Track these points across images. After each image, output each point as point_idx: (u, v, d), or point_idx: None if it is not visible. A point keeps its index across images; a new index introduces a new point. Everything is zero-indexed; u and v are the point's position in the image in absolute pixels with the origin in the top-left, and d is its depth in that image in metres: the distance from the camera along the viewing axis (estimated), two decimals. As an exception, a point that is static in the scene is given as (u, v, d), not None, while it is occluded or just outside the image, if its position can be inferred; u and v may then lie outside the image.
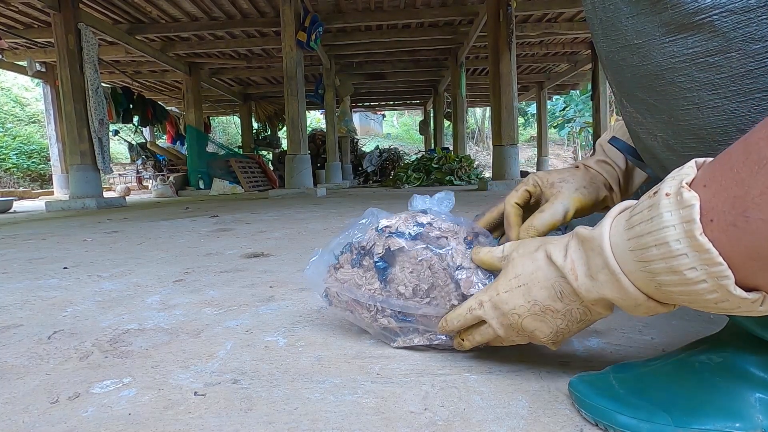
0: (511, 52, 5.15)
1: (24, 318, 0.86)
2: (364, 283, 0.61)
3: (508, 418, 0.45)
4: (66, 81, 4.97)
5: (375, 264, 0.60)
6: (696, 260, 0.28)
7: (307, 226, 2.21)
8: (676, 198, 0.29)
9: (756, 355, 0.39)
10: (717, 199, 0.27)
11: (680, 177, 0.30)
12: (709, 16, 0.30)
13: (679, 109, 0.36)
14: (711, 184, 0.28)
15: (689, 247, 0.28)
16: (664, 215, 0.29)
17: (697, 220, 0.28)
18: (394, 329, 0.61)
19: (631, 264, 0.33)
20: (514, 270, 0.47)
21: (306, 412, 0.47)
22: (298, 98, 5.51)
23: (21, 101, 14.02)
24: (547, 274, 0.43)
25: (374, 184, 9.58)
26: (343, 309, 0.65)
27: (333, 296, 0.65)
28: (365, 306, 0.61)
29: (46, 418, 0.48)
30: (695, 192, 0.29)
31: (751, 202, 0.26)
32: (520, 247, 0.49)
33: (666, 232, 0.29)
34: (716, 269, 0.28)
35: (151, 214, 3.45)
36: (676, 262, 0.29)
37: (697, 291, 0.29)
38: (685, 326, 0.68)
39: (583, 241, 0.39)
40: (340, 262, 0.64)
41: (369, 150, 12.21)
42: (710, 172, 0.29)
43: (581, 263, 0.39)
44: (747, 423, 0.37)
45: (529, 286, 0.45)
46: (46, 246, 1.89)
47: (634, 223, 0.32)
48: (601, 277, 0.37)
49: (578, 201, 0.59)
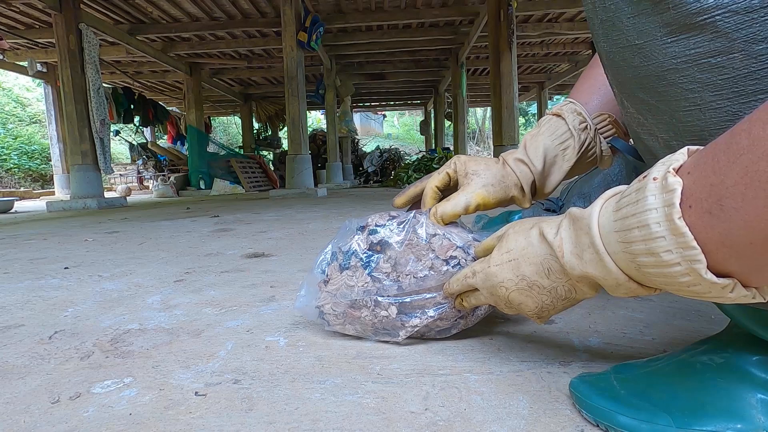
0: (512, 52, 5.14)
1: (25, 318, 0.86)
2: (355, 282, 0.62)
3: (509, 418, 0.45)
4: (67, 81, 4.98)
5: (361, 259, 0.62)
6: (672, 243, 0.29)
7: (307, 227, 2.21)
8: (662, 182, 0.30)
9: (757, 355, 0.39)
10: (697, 185, 0.28)
11: (669, 162, 0.31)
12: (712, 16, 0.30)
13: (680, 110, 0.35)
14: (694, 171, 0.29)
15: (667, 230, 0.29)
16: (648, 198, 0.30)
17: (677, 204, 0.29)
18: (395, 321, 0.62)
19: (615, 244, 0.34)
20: (507, 245, 0.49)
21: (307, 412, 0.47)
22: (299, 98, 5.51)
23: (22, 101, 14.03)
24: (538, 251, 0.44)
25: (375, 184, 9.57)
26: (342, 324, 0.65)
27: (329, 314, 0.65)
28: (363, 303, 0.62)
29: (47, 418, 0.48)
30: (680, 178, 0.30)
31: (725, 190, 0.26)
32: (517, 224, 0.51)
33: (648, 214, 0.30)
34: (690, 253, 0.29)
35: (151, 215, 3.45)
36: (654, 244, 0.30)
37: (671, 273, 0.30)
38: (686, 327, 0.68)
39: (574, 221, 0.40)
40: (328, 274, 0.65)
41: (370, 150, 12.21)
42: (696, 159, 0.30)
43: (569, 241, 0.40)
44: (748, 424, 0.37)
45: (518, 261, 0.46)
46: (47, 246, 1.89)
47: (622, 205, 0.34)
48: (586, 256, 0.38)
49: (481, 197, 0.62)
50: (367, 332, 0.65)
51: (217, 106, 12.84)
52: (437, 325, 0.63)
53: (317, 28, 6.02)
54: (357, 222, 0.67)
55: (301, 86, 5.54)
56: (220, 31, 7.12)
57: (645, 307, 0.78)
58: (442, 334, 0.65)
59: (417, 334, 0.64)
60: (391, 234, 0.63)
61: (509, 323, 0.72)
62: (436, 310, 0.61)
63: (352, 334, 0.67)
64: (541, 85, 11.65)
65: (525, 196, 0.64)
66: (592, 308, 0.78)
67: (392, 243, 0.62)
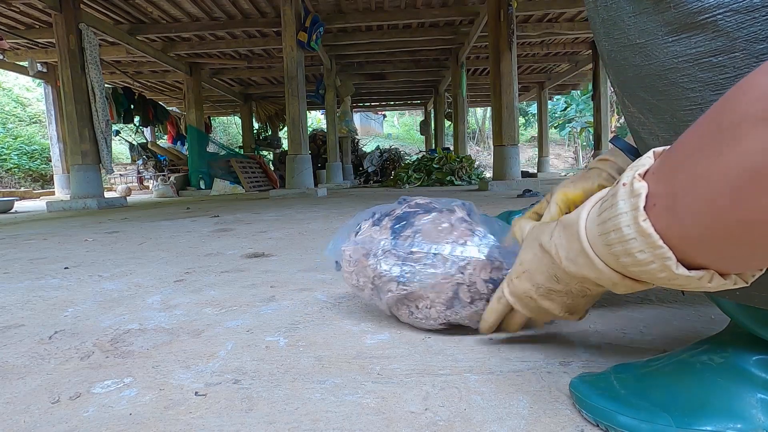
0: (512, 52, 5.14)
1: (25, 318, 0.86)
2: (378, 236, 0.68)
3: (509, 418, 0.45)
4: (67, 81, 4.98)
5: (391, 223, 0.69)
6: (643, 244, 0.31)
7: (307, 227, 2.21)
8: (629, 187, 0.32)
9: (757, 355, 0.39)
10: (658, 185, 0.30)
11: (636, 167, 0.32)
12: (713, 15, 0.30)
13: (681, 110, 0.35)
14: (657, 171, 0.31)
15: (636, 232, 0.31)
16: (619, 203, 0.32)
17: (641, 207, 0.30)
18: (389, 284, 0.65)
19: (601, 247, 0.36)
20: (520, 257, 0.52)
21: (307, 412, 0.47)
22: (299, 98, 5.51)
23: (22, 101, 14.03)
24: (542, 260, 0.47)
25: (375, 184, 9.57)
26: (350, 273, 0.71)
27: (346, 259, 0.72)
28: (373, 254, 0.67)
29: (47, 418, 0.48)
30: (645, 181, 0.31)
31: (678, 189, 0.28)
32: (528, 234, 0.53)
33: (620, 218, 0.32)
34: (659, 252, 0.30)
35: (152, 215, 3.45)
36: (629, 245, 0.32)
37: (649, 271, 0.32)
38: (686, 327, 0.68)
39: (564, 228, 0.42)
40: (361, 227, 0.72)
41: (370, 150, 12.21)
42: (660, 160, 0.31)
43: (563, 248, 0.42)
44: (748, 423, 0.36)
45: (531, 272, 0.49)
46: (48, 246, 1.89)
47: (602, 209, 0.35)
48: (579, 261, 0.39)
49: (563, 194, 0.66)
50: (366, 287, 0.70)
51: (217, 106, 12.85)
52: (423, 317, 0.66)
53: (317, 28, 6.02)
54: (404, 197, 0.75)
55: (301, 86, 5.54)
56: (220, 31, 7.13)
57: (645, 307, 0.78)
58: (422, 324, 0.67)
59: (405, 304, 0.67)
60: (424, 210, 0.69)
61: (509, 323, 0.72)
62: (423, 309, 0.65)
63: (352, 285, 0.72)
64: (541, 85, 11.65)
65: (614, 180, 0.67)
66: (592, 308, 0.78)
67: (419, 217, 0.68)
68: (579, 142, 19.04)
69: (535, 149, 15.66)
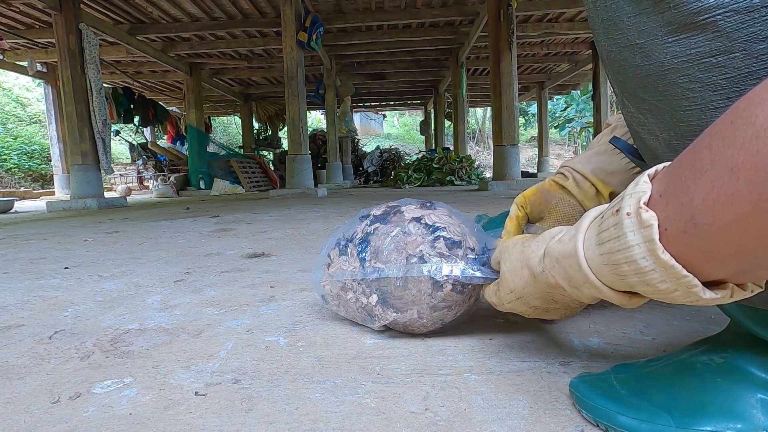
0: (512, 52, 5.14)
1: (25, 318, 0.86)
2: (348, 267, 0.67)
3: (509, 418, 0.45)
4: (67, 81, 4.98)
5: (356, 246, 0.67)
6: (664, 275, 0.30)
7: (307, 227, 2.21)
8: (636, 218, 0.30)
9: (757, 355, 0.39)
10: (669, 208, 0.29)
11: (637, 195, 0.31)
12: (713, 15, 0.30)
13: (681, 110, 0.35)
14: (665, 193, 0.30)
15: (656, 264, 0.30)
16: (628, 235, 0.31)
17: (656, 239, 0.29)
18: (374, 309, 0.65)
19: (609, 276, 0.35)
20: (507, 285, 0.51)
21: (307, 412, 0.47)
22: (299, 98, 5.51)
23: (22, 101, 14.03)
24: (537, 288, 0.47)
25: (375, 184, 9.57)
26: (336, 306, 0.71)
27: (327, 294, 0.72)
28: (350, 287, 0.67)
29: (47, 418, 0.48)
30: (652, 209, 0.30)
31: (695, 208, 0.27)
32: (505, 259, 0.52)
33: (632, 251, 0.31)
34: (684, 281, 0.29)
35: (151, 215, 3.45)
36: (647, 277, 0.31)
37: (674, 297, 0.31)
38: (686, 327, 0.68)
39: (559, 259, 0.40)
40: (331, 257, 0.71)
41: (370, 150, 12.21)
42: (664, 181, 0.30)
43: (562, 278, 0.41)
44: (748, 424, 0.37)
45: (525, 298, 0.50)
46: (47, 246, 1.89)
47: (603, 239, 0.34)
48: (585, 290, 0.38)
49: (521, 195, 0.72)
50: (354, 316, 0.70)
51: (217, 106, 12.84)
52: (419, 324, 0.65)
53: (317, 28, 6.02)
54: (365, 211, 0.73)
55: (301, 86, 5.54)
56: (220, 31, 7.12)
57: (645, 307, 0.78)
58: (420, 330, 0.66)
59: (398, 327, 0.66)
60: (380, 225, 0.67)
61: (509, 323, 0.72)
62: (416, 310, 0.63)
63: (344, 316, 0.72)
64: (541, 85, 11.65)
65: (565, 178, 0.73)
66: (592, 308, 0.78)
67: (378, 233, 0.66)
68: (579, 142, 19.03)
69: (535, 149, 15.66)
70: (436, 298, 0.61)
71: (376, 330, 0.68)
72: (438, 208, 0.68)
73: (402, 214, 0.67)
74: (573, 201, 0.70)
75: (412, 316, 0.63)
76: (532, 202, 0.71)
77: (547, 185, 0.72)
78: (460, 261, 0.61)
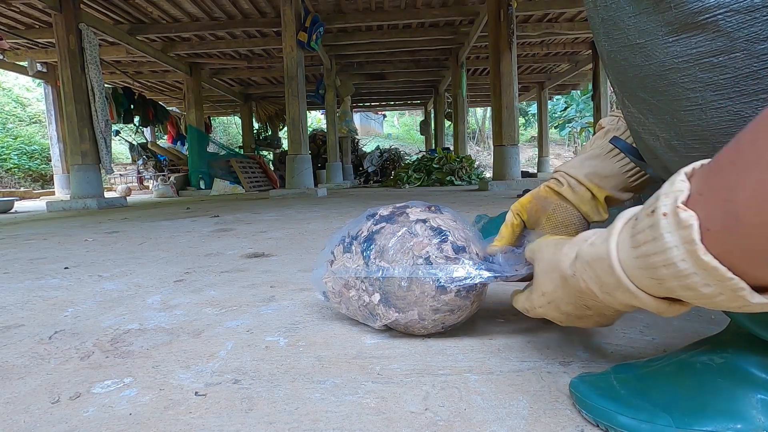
0: (512, 52, 5.14)
1: (25, 318, 0.86)
2: (352, 264, 0.67)
3: (509, 418, 0.45)
4: (67, 81, 4.98)
5: (361, 244, 0.67)
6: (707, 278, 0.28)
7: (307, 227, 2.21)
8: (673, 218, 0.29)
9: (757, 355, 0.39)
10: (711, 206, 0.27)
11: (674, 194, 0.29)
12: (714, 15, 0.30)
13: (681, 110, 0.35)
14: (705, 191, 0.28)
15: (696, 266, 0.28)
16: (665, 236, 0.29)
17: (698, 240, 0.27)
18: (375, 308, 0.65)
19: (646, 281, 0.33)
20: (539, 287, 0.50)
21: (307, 412, 0.47)
22: (299, 98, 5.51)
23: (22, 102, 14.03)
24: (568, 293, 0.45)
25: (375, 184, 9.57)
26: (338, 303, 0.71)
27: (329, 291, 0.72)
28: (353, 285, 0.67)
29: (47, 418, 0.48)
30: (691, 208, 0.28)
31: (740, 206, 0.25)
32: (538, 259, 0.51)
33: (671, 253, 0.29)
34: (729, 283, 0.27)
35: (151, 215, 3.45)
36: (688, 280, 0.29)
37: (718, 303, 0.29)
38: (686, 327, 0.68)
39: (590, 263, 0.38)
40: (334, 255, 0.71)
41: (370, 150, 12.21)
42: (703, 179, 0.29)
43: (594, 283, 0.39)
44: (748, 424, 0.36)
45: (556, 303, 0.48)
46: (48, 246, 1.89)
47: (639, 242, 0.32)
48: (618, 295, 0.36)
49: (518, 203, 0.71)
50: (355, 314, 0.70)
51: (217, 106, 12.84)
52: (419, 325, 0.65)
53: (317, 28, 6.02)
54: (371, 210, 0.72)
55: (301, 86, 5.54)
56: (220, 31, 7.12)
57: (645, 307, 0.78)
58: (421, 331, 0.66)
59: (399, 327, 0.66)
60: (386, 225, 0.67)
61: (509, 324, 0.72)
62: (416, 312, 0.62)
63: (345, 314, 0.72)
64: (541, 85, 11.65)
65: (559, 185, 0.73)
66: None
67: (384, 232, 0.66)
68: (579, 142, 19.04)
69: (535, 149, 15.66)
70: (439, 301, 0.61)
71: (377, 329, 0.68)
72: (444, 212, 0.69)
73: (408, 215, 0.67)
74: (570, 207, 0.69)
75: (413, 317, 0.63)
76: (528, 209, 0.70)
77: (542, 191, 0.71)
78: (467, 263, 0.61)
